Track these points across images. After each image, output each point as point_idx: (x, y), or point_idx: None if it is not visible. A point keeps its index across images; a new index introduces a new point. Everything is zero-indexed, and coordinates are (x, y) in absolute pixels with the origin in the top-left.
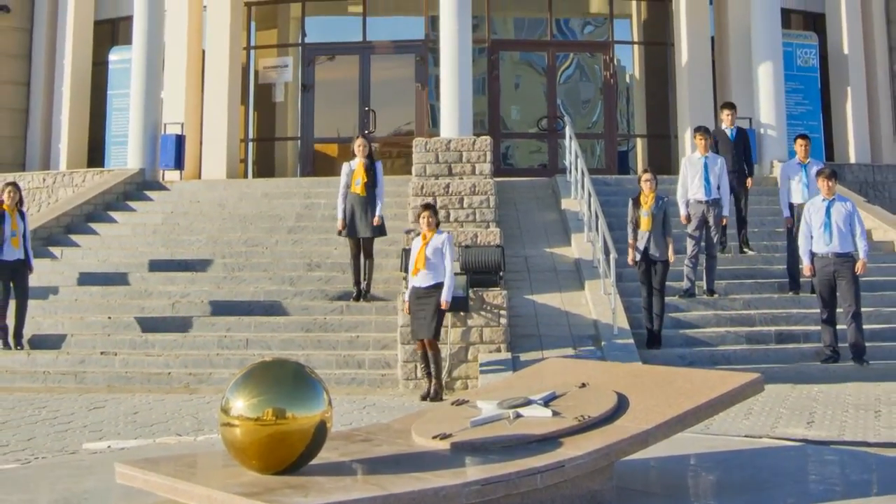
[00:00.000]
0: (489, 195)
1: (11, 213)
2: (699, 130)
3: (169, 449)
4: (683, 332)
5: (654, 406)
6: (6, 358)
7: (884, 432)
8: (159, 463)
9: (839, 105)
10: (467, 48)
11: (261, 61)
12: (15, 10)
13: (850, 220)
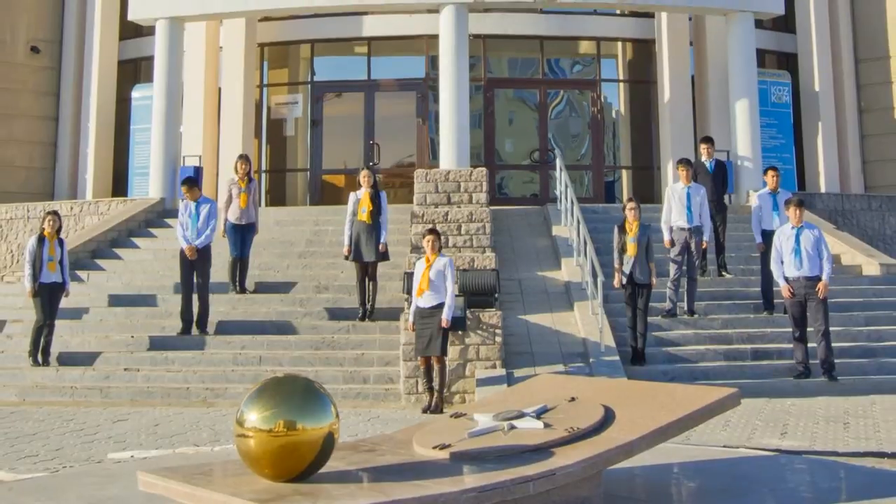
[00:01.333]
0: (485, 222)
1: (51, 239)
2: (682, 162)
3: (187, 458)
4: (666, 350)
5: (639, 418)
6: (36, 374)
7: (852, 443)
8: (179, 471)
9: (810, 139)
10: (465, 86)
11: (273, 98)
12: (45, 51)
13: (817, 245)
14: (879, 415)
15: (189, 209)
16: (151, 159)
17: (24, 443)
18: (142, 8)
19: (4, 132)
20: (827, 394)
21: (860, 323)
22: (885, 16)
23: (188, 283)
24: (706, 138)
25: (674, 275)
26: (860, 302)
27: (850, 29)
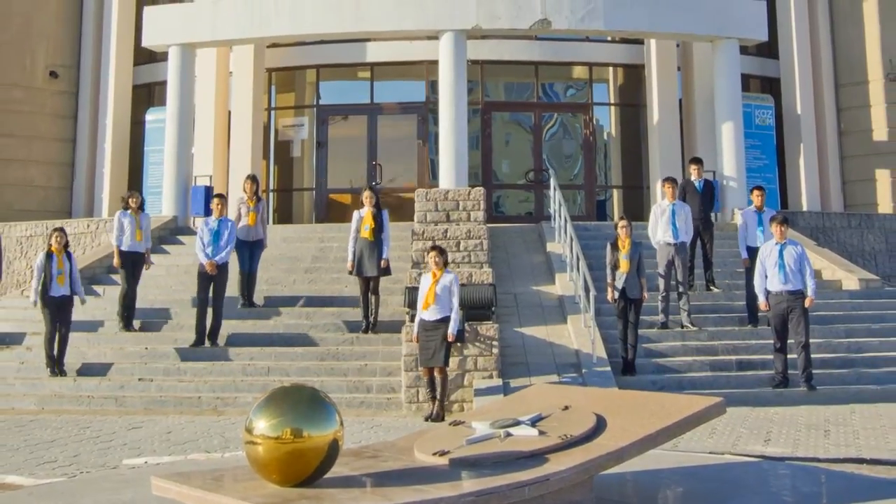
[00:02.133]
0: (482, 239)
1: (58, 254)
2: (668, 180)
3: (199, 464)
4: (655, 361)
5: (629, 426)
6: (54, 384)
7: (832, 449)
8: (190, 477)
9: (793, 159)
10: (463, 109)
11: (280, 121)
12: (63, 76)
13: (800, 261)
14: (858, 423)
15: (210, 226)
16: (164, 179)
17: (44, 449)
18: (155, 35)
19: (24, 153)
20: (808, 403)
21: (840, 335)
22: (864, 42)
23: (204, 298)
24: (696, 159)
25: (663, 289)
26: (840, 315)
27: (830, 55)
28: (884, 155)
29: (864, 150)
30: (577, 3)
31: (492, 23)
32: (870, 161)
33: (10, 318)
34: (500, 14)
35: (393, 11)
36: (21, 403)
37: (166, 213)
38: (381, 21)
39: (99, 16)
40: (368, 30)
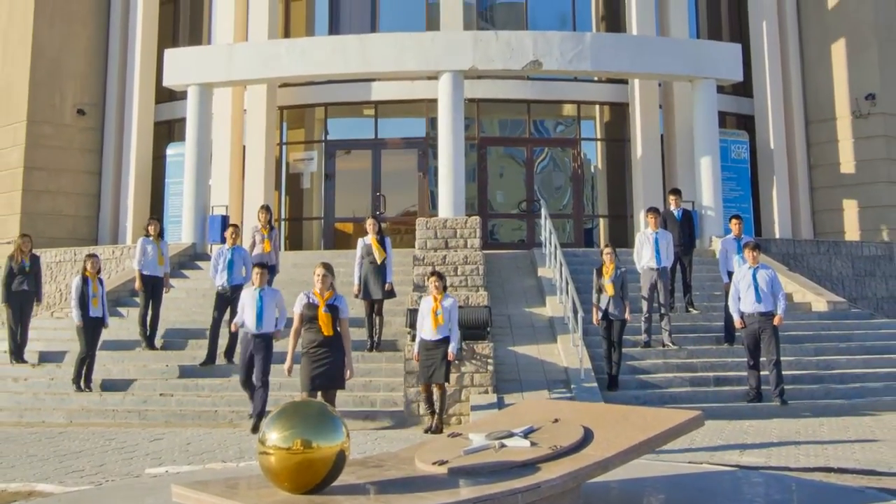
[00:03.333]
0: (478, 265)
1: (93, 278)
2: (650, 210)
3: (216, 473)
4: (638, 377)
5: (614, 438)
6: (83, 399)
7: (803, 459)
8: (208, 485)
9: (766, 190)
10: (461, 144)
11: (291, 155)
12: (89, 113)
13: (771, 284)
14: (827, 435)
15: (224, 254)
16: (184, 209)
17: (72, 459)
18: (175, 75)
19: (54, 185)
20: (780, 416)
21: (810, 353)
22: (833, 82)
23: (218, 318)
24: (674, 190)
25: (646, 310)
26: (810, 335)
27: (801, 93)
28: (850, 186)
29: (832, 182)
30: (565, 45)
31: (487, 64)
32: (838, 192)
33: (40, 337)
34: (494, 56)
35: (395, 54)
36: (51, 417)
37: (185, 240)
38: (385, 62)
39: (123, 57)
40: (373, 70)
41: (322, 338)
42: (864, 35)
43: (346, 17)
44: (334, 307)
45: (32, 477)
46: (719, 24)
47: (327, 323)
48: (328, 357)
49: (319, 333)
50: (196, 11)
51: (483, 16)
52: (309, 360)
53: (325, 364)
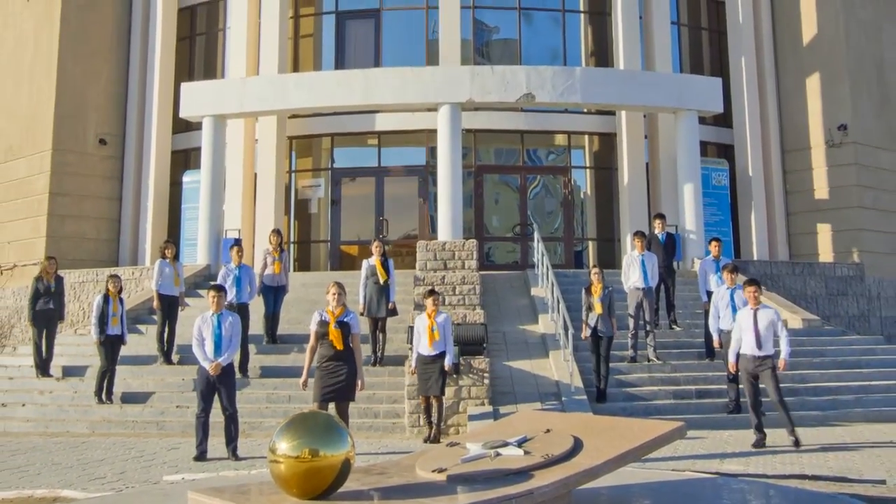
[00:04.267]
0: (475, 285)
1: (114, 297)
2: (637, 234)
3: (229, 480)
4: (625, 390)
5: (603, 447)
6: (104, 410)
7: (779, 467)
8: (222, 491)
9: (745, 215)
10: (458, 172)
11: (300, 182)
12: (111, 143)
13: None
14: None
15: (231, 273)
16: (199, 232)
17: (94, 467)
18: (191, 107)
19: (77, 210)
20: None
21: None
22: (807, 113)
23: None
24: (659, 215)
25: (633, 327)
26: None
27: (777, 124)
28: (824, 211)
29: (807, 207)
30: (557, 79)
31: (483, 97)
32: (812, 217)
33: (65, 353)
34: (490, 89)
35: (397, 87)
36: (75, 427)
37: (201, 262)
38: (387, 95)
39: (142, 91)
40: (376, 102)
41: (334, 352)
42: (837, 69)
43: (351, 52)
44: (345, 323)
45: (57, 483)
46: (701, 59)
47: (338, 338)
48: (340, 371)
49: (331, 348)
50: (210, 47)
51: (480, 51)
52: (321, 374)
53: (337, 377)
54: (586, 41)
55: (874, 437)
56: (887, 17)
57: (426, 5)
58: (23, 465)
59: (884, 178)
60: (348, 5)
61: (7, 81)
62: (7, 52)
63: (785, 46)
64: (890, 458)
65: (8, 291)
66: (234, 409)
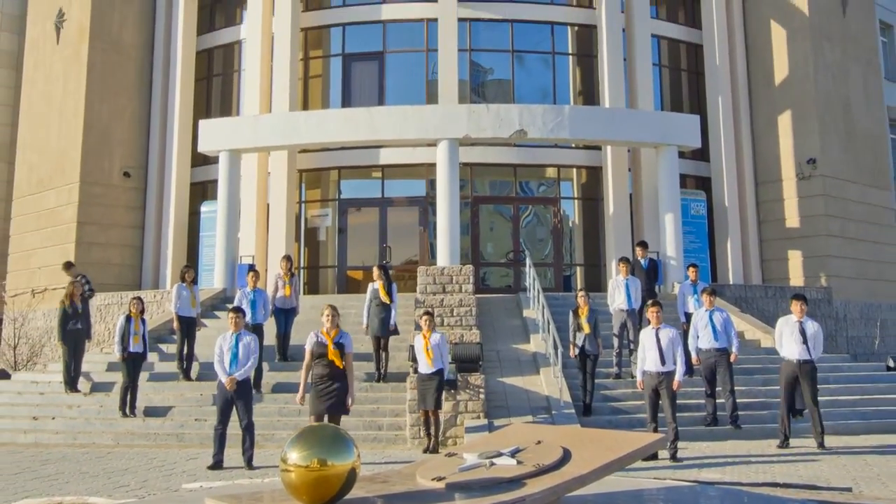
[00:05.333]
0: (471, 307)
1: (136, 318)
2: (621, 260)
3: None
4: (610, 404)
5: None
6: (128, 423)
7: (753, 475)
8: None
9: (721, 242)
10: (456, 202)
11: (309, 211)
12: (134, 175)
13: (725, 324)
14: (774, 454)
15: (247, 296)
16: (216, 258)
17: (119, 476)
18: (208, 142)
19: (103, 238)
20: (734, 438)
21: (759, 383)
22: (779, 148)
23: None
24: (642, 242)
25: (617, 346)
26: (759, 367)
27: (751, 158)
28: (795, 239)
29: (779, 235)
30: (547, 116)
31: (479, 133)
32: (783, 244)
33: (92, 370)
34: (485, 126)
35: (399, 124)
36: (100, 439)
37: (217, 285)
38: (390, 131)
39: (163, 127)
40: (380, 138)
41: (328, 371)
42: (806, 107)
43: (357, 91)
44: (340, 344)
45: (84, 491)
46: (680, 98)
47: (337, 356)
48: (334, 388)
49: (326, 367)
50: (227, 87)
51: (476, 90)
52: (317, 391)
53: (331, 393)
54: (574, 81)
55: (841, 447)
56: (853, 60)
57: (426, 48)
58: (53, 474)
59: (850, 209)
60: (354, 48)
61: (38, 119)
62: (38, 91)
63: (758, 86)
64: (855, 467)
65: (39, 313)
66: (251, 421)
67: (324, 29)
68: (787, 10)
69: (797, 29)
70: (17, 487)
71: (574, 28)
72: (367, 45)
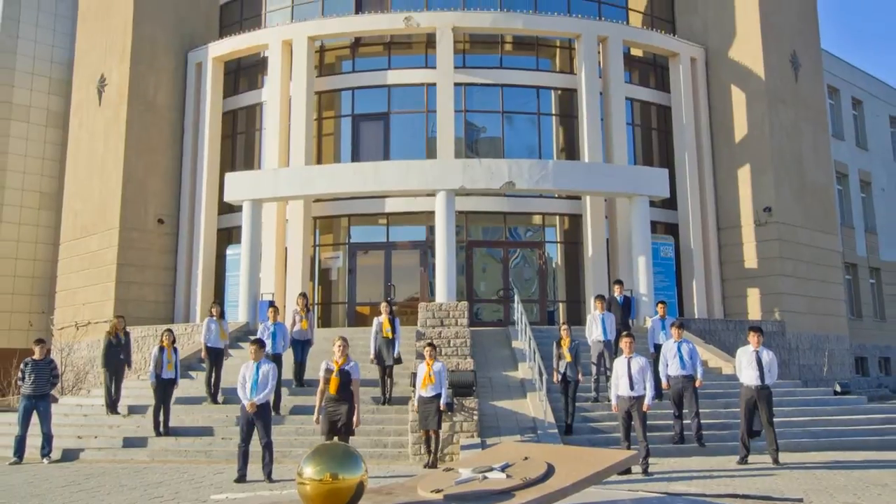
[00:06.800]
0: (466, 339)
1: (168, 348)
2: (598, 297)
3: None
4: (589, 425)
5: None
6: (162, 441)
7: (715, 487)
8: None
9: (687, 281)
10: (452, 246)
11: (322, 254)
12: (167, 222)
13: (691, 353)
14: (735, 469)
15: (268, 329)
16: (239, 295)
17: (153, 488)
18: (233, 193)
19: (140, 277)
20: (699, 455)
21: (721, 406)
22: (739, 198)
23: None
24: (618, 281)
25: (595, 373)
26: (721, 392)
27: (714, 207)
28: (753, 278)
29: (738, 275)
30: (533, 170)
31: (473, 184)
32: (743, 283)
33: (130, 395)
34: (478, 179)
35: (402, 176)
36: (137, 456)
37: (241, 319)
38: (394, 183)
39: (193, 179)
40: (385, 189)
41: (337, 395)
42: (763, 162)
43: (365, 147)
44: (345, 372)
45: (123, 502)
46: (651, 153)
47: (336, 384)
48: (340, 410)
49: (336, 392)
50: (249, 143)
51: (470, 147)
52: (327, 413)
53: (339, 416)
54: (557, 139)
55: (794, 463)
56: (804, 119)
57: (426, 109)
58: (95, 487)
59: (801, 252)
60: (362, 109)
61: (82, 171)
62: (83, 147)
63: (720, 143)
64: (806, 480)
65: (83, 344)
66: (270, 440)
67: (335, 92)
68: (746, 76)
69: (754, 93)
70: (64, 499)
71: (557, 92)
72: (374, 107)
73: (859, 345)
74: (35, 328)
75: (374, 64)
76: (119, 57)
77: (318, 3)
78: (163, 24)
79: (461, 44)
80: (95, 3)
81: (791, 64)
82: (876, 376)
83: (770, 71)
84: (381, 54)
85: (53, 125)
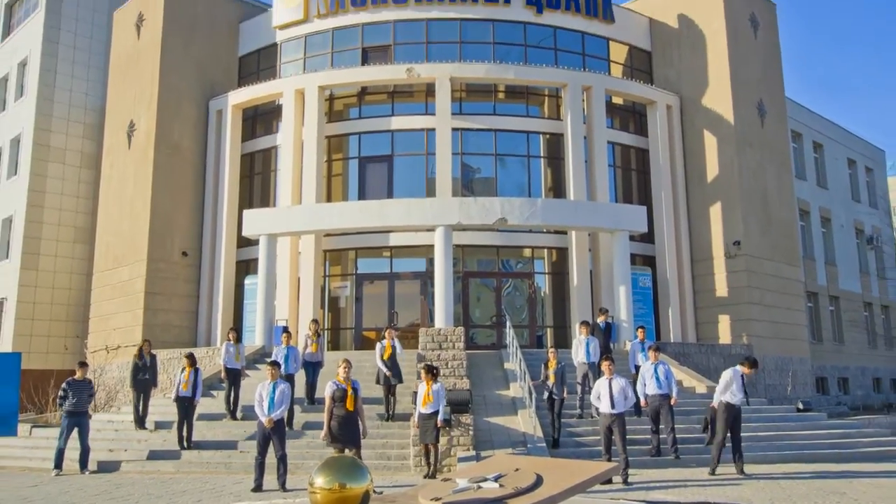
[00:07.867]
0: (462, 361)
1: (188, 369)
2: (583, 323)
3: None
4: (574, 439)
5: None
6: (185, 454)
7: (689, 496)
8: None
9: (664, 308)
10: (450, 276)
11: (332, 284)
12: (190, 255)
13: (668, 374)
14: (707, 480)
15: (282, 352)
16: (257, 321)
17: (178, 497)
18: (251, 228)
19: (166, 305)
20: (675, 467)
21: (695, 422)
22: (710, 232)
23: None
24: (602, 308)
25: (579, 392)
26: (695, 409)
27: (688, 240)
28: (724, 306)
29: (710, 303)
30: (524, 207)
31: (468, 220)
32: (714, 310)
33: (156, 412)
34: (473, 215)
35: (404, 213)
36: (163, 467)
37: (258, 343)
38: (397, 220)
39: (214, 215)
40: (389, 225)
41: (345, 412)
42: (733, 199)
43: (370, 187)
44: (355, 389)
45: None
46: (631, 192)
47: (352, 399)
48: (349, 425)
49: (343, 409)
50: (265, 183)
51: (466, 186)
52: (336, 428)
53: (347, 430)
54: (546, 179)
55: (760, 474)
56: (769, 161)
57: (426, 152)
58: (125, 496)
59: (767, 281)
60: (368, 152)
61: (114, 208)
62: (114, 186)
63: (693, 183)
64: (771, 489)
65: (114, 365)
66: (284, 453)
67: (344, 137)
68: (717, 122)
69: (724, 137)
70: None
71: (545, 136)
72: (379, 150)
73: (820, 366)
74: (70, 351)
75: (378, 111)
76: (147, 105)
77: (328, 56)
78: (186, 75)
79: (458, 92)
80: (125, 56)
81: (758, 111)
82: (835, 395)
83: (739, 117)
84: (385, 102)
85: (87, 166)
